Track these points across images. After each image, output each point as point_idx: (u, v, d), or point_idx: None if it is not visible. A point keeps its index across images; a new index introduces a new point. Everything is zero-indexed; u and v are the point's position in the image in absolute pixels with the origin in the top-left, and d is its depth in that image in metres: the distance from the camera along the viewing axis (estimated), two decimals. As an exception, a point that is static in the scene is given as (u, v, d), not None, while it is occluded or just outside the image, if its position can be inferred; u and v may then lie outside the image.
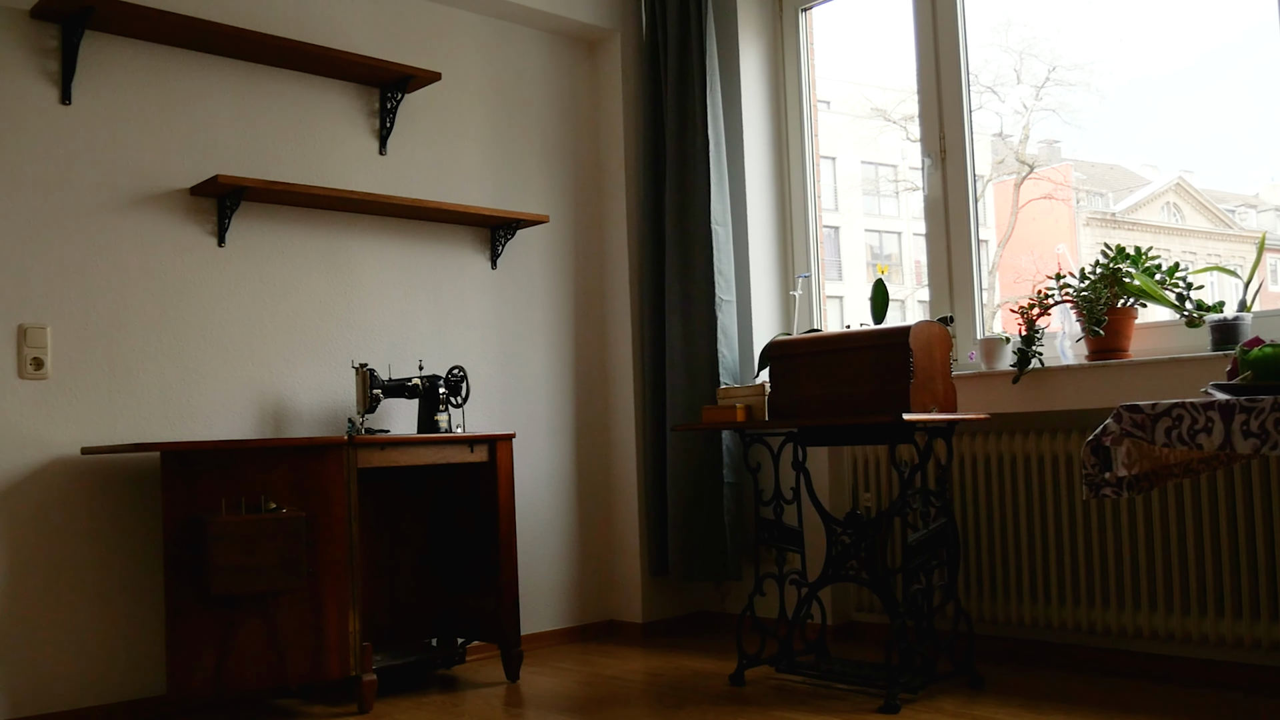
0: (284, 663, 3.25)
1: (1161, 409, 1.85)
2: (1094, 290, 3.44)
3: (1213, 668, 3.32)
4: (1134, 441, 1.87)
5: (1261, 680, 3.22)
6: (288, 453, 3.31)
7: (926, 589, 3.36)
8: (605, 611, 4.53)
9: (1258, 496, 3.18)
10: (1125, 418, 1.87)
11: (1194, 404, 1.82)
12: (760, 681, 3.57)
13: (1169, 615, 3.35)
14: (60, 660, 3.24)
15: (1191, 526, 3.30)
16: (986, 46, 4.33)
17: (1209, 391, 1.96)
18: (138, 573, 3.39)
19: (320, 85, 3.89)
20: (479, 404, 4.15)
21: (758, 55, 4.53)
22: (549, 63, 4.54)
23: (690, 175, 4.32)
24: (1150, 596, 3.39)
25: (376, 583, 3.83)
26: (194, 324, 3.57)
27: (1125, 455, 1.87)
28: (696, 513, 4.24)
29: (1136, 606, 3.41)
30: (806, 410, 3.47)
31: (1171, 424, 1.82)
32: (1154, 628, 3.37)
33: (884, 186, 17.11)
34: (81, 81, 3.40)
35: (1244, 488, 3.21)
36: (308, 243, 3.82)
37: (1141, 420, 1.85)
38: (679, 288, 4.32)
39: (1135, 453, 1.90)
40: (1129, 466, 1.88)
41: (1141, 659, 3.46)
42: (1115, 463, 1.86)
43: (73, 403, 3.33)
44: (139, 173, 3.50)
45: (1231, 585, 3.23)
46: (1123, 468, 1.87)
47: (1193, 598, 3.30)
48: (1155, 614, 3.37)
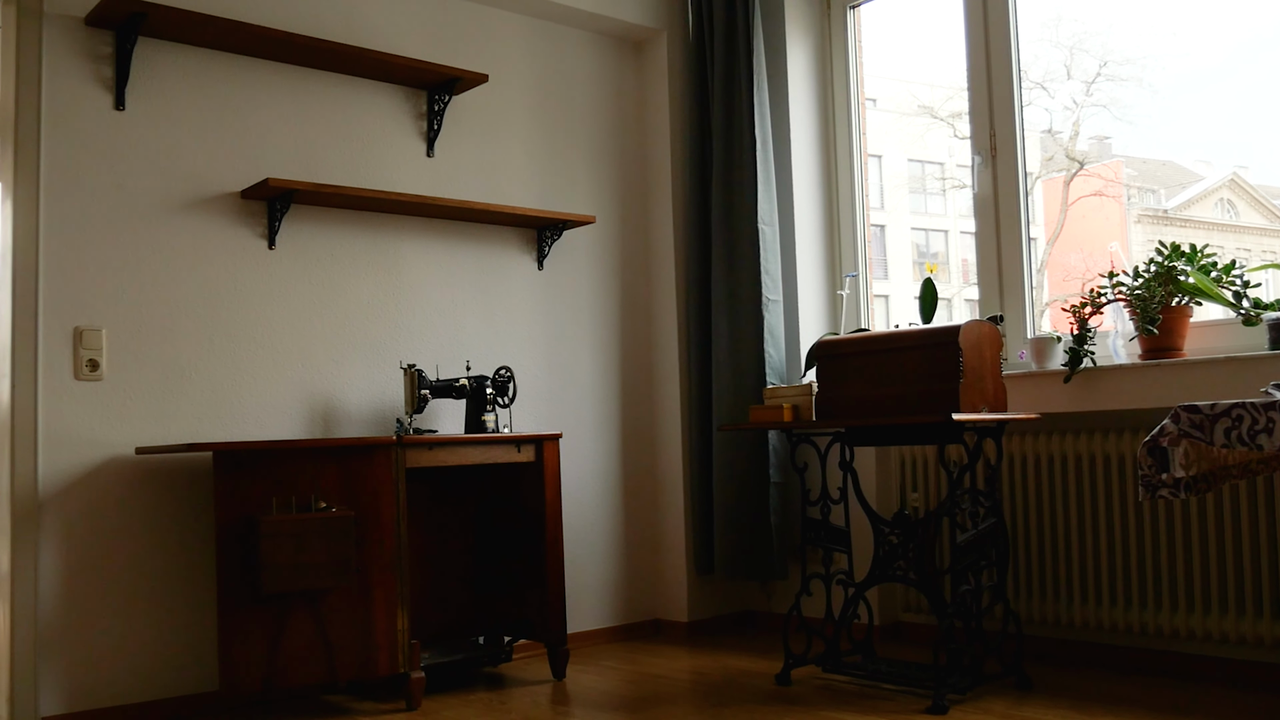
0: (333, 660, 3.28)
1: (1221, 409, 1.82)
2: (1148, 288, 3.40)
3: (1266, 670, 3.26)
4: (1192, 442, 1.84)
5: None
6: (337, 452, 3.35)
7: (975, 589, 3.33)
8: (650, 611, 4.54)
9: (1316, 498, 3.12)
10: (1183, 418, 1.84)
11: (1254, 404, 1.79)
12: (806, 681, 3.55)
13: (1222, 617, 3.29)
14: (115, 656, 3.30)
15: (1247, 527, 3.25)
16: (1036, 42, 4.29)
17: (1269, 391, 1.93)
18: (191, 570, 3.44)
19: (368, 88, 3.93)
20: (526, 404, 4.17)
21: (805, 53, 4.51)
22: (595, 63, 4.55)
23: (737, 174, 4.31)
24: (1204, 598, 3.33)
25: (424, 581, 3.86)
26: (245, 325, 3.62)
27: (1183, 456, 1.84)
28: (742, 512, 4.24)
29: (1190, 608, 3.36)
30: (854, 410, 3.45)
31: (1231, 424, 1.79)
32: (1207, 630, 3.32)
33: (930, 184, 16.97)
34: (135, 87, 3.46)
35: (1301, 489, 3.15)
36: (356, 244, 3.86)
37: (1200, 421, 1.82)
38: (725, 287, 4.31)
39: (1193, 454, 1.87)
40: (1186, 468, 1.85)
41: (1193, 661, 3.41)
42: (1173, 464, 1.83)
43: (127, 403, 3.39)
44: (191, 176, 3.55)
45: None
46: (1180, 469, 1.84)
47: (1247, 599, 3.25)
48: (1208, 616, 3.32)
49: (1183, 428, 1.84)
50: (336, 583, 3.26)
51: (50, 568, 3.22)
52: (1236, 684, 3.31)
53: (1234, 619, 3.27)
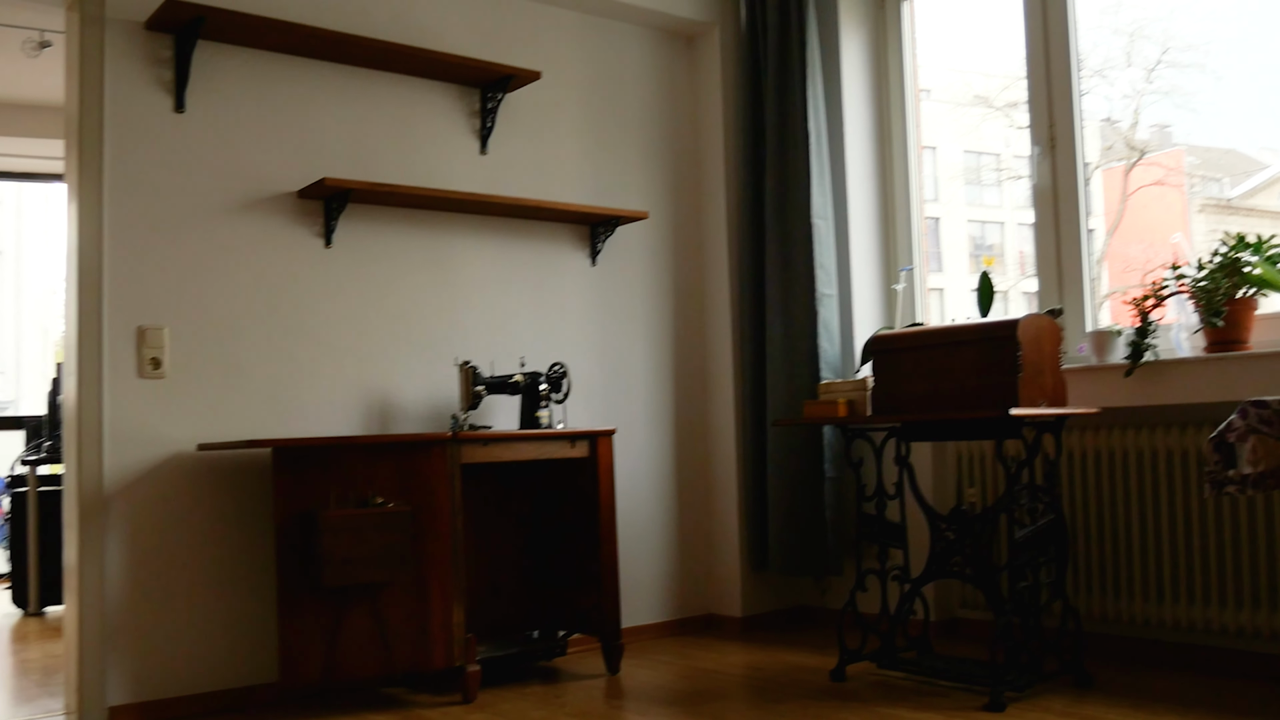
0: (390, 652, 3.32)
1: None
2: (1212, 280, 3.33)
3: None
4: (1260, 438, 1.80)
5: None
6: (393, 448, 3.38)
7: (1033, 586, 3.29)
8: (704, 605, 4.54)
9: (1387, 494, 3.05)
10: (1251, 413, 1.81)
11: (1323, 398, 1.75)
12: (861, 677, 3.53)
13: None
14: (179, 647, 3.37)
15: (1315, 524, 3.18)
16: (1096, 29, 4.22)
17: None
18: (251, 564, 3.49)
19: (422, 87, 3.96)
20: (580, 400, 4.19)
21: (859, 45, 4.47)
22: (647, 58, 4.55)
23: (790, 168, 4.29)
24: (1270, 595, 3.26)
25: (480, 575, 3.89)
26: (302, 323, 3.67)
27: (1251, 452, 1.81)
28: (797, 507, 4.22)
29: (1255, 605, 3.30)
30: (910, 405, 3.42)
31: (1301, 419, 1.75)
32: (1274, 628, 3.25)
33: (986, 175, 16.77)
34: (194, 90, 3.51)
35: (1372, 484, 3.08)
36: (411, 242, 3.89)
37: (1269, 416, 1.79)
38: (779, 282, 4.29)
39: (1261, 450, 1.83)
40: (1254, 464, 1.82)
41: (1259, 660, 3.34)
42: (1240, 460, 1.80)
43: (189, 401, 3.45)
44: (249, 177, 3.60)
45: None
46: (1248, 465, 1.80)
47: (1317, 598, 3.18)
48: (1275, 613, 3.25)
49: (1251, 423, 1.80)
50: (393, 577, 3.29)
51: (116, 561, 3.29)
52: (1304, 684, 3.25)
53: (1301, 617, 3.20)
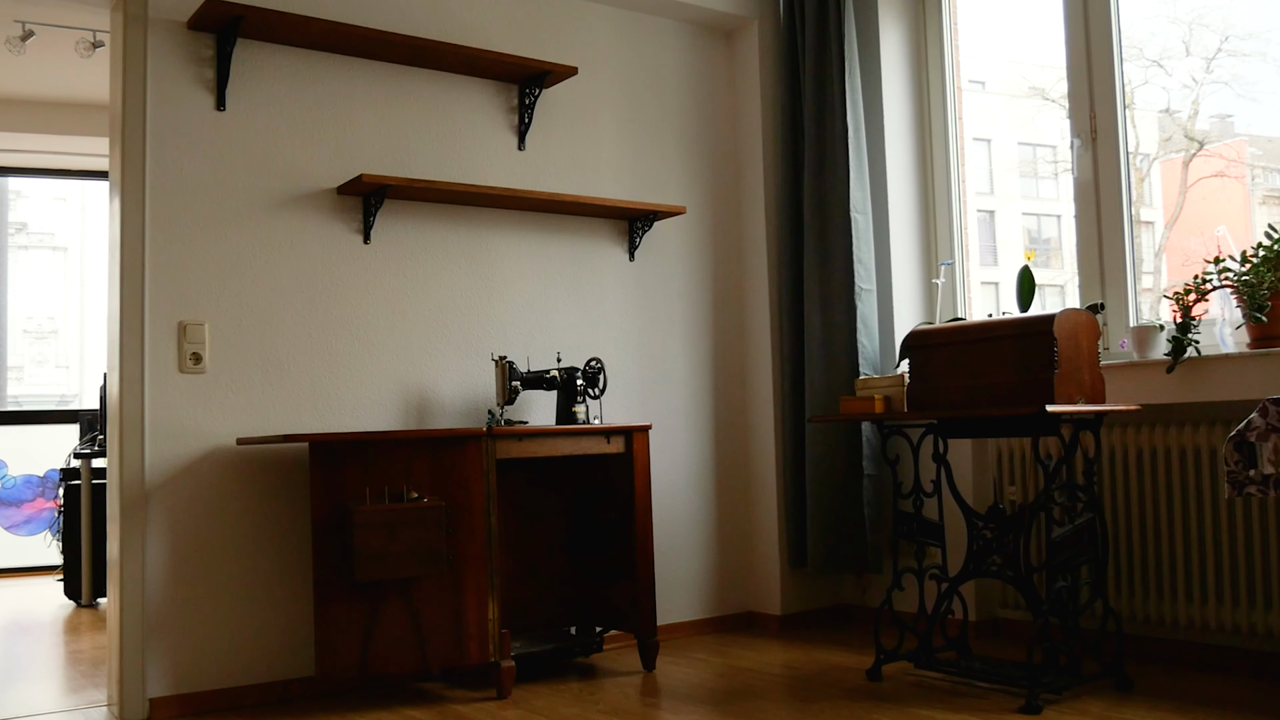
0: (425, 647, 3.35)
1: (1310, 403, 1.73)
2: (1256, 274, 3.26)
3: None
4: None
5: None
6: (428, 443, 3.41)
7: (1072, 586, 3.24)
8: (743, 603, 4.52)
9: None
10: (1272, 411, 1.76)
11: (1345, 398, 1.70)
12: (898, 677, 3.50)
13: (1339, 619, 3.15)
14: (218, 640, 3.42)
15: (1364, 526, 3.10)
16: (1153, 18, 4.14)
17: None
18: (289, 558, 3.54)
19: (460, 83, 3.98)
20: (617, 395, 4.19)
21: (899, 39, 4.43)
22: (685, 53, 4.54)
23: (829, 163, 4.26)
24: (1318, 599, 3.19)
25: (517, 571, 3.91)
26: (341, 319, 3.70)
27: (1272, 452, 1.76)
28: (836, 504, 4.19)
29: (1303, 609, 3.22)
30: (946, 401, 3.38)
31: (1321, 419, 1.70)
32: (1322, 632, 3.18)
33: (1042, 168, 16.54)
34: (235, 88, 3.56)
35: None
36: (449, 238, 3.92)
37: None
38: (818, 277, 4.26)
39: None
40: (1276, 464, 1.77)
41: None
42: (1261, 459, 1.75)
43: (229, 395, 3.49)
44: (289, 174, 3.64)
45: None
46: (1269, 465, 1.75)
47: (1366, 601, 3.10)
48: (1324, 618, 3.18)
49: (1271, 422, 1.75)
50: (427, 572, 3.32)
51: (157, 554, 3.35)
52: (1353, 688, 3.17)
53: (1350, 620, 3.12)
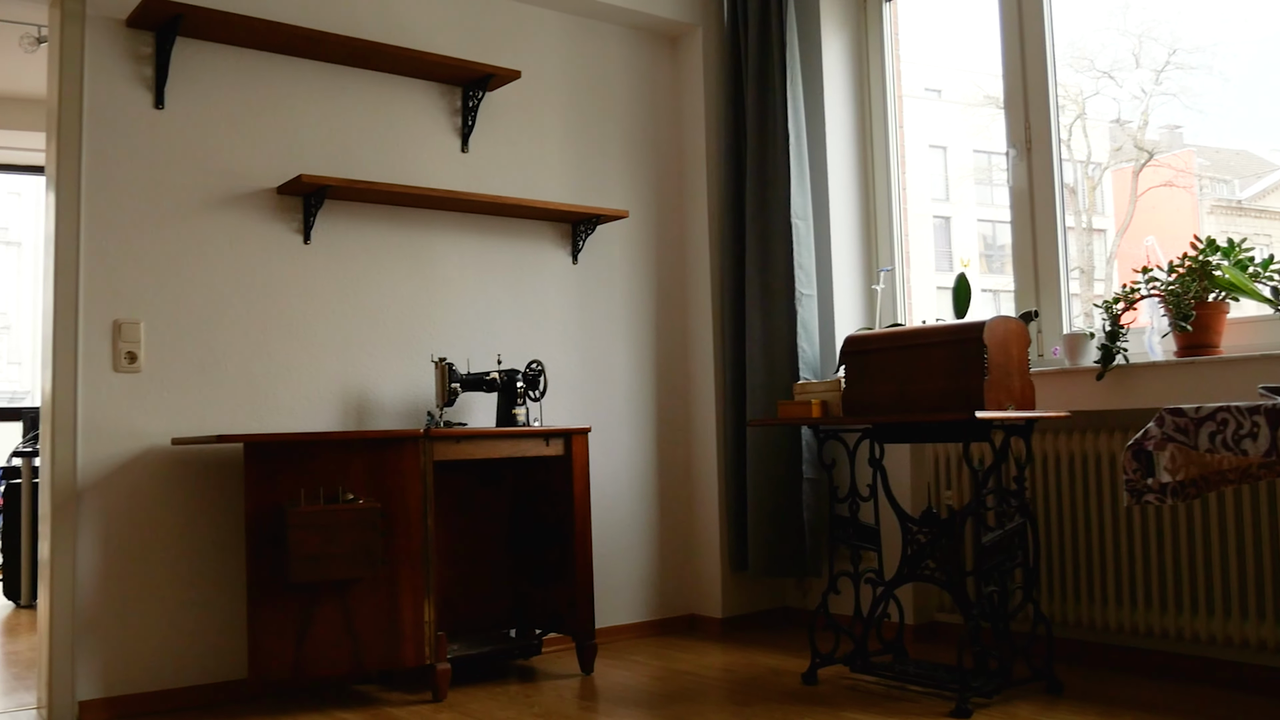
0: (360, 650, 3.34)
1: (1205, 412, 1.76)
2: (1182, 284, 3.32)
3: (1307, 679, 3.18)
4: (1178, 446, 1.79)
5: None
6: (365, 445, 3.40)
7: (1003, 590, 3.28)
8: (686, 606, 4.54)
9: (1356, 500, 3.03)
10: (1168, 421, 1.79)
11: (1239, 408, 1.73)
12: (833, 681, 3.53)
13: (1260, 623, 3.21)
14: (150, 642, 3.39)
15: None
16: (1104, 30, 4.21)
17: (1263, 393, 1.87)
18: (223, 560, 3.51)
19: (403, 85, 3.97)
20: (559, 398, 4.19)
21: (841, 47, 4.47)
22: (630, 58, 4.55)
23: (770, 169, 4.29)
24: (1240, 603, 3.25)
25: (456, 573, 3.90)
26: (280, 319, 3.68)
27: (1169, 461, 1.79)
28: (776, 508, 4.22)
29: (1226, 614, 3.28)
30: (880, 406, 3.42)
31: (1216, 428, 1.74)
32: (1244, 636, 3.24)
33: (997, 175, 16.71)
34: (174, 86, 3.53)
35: (1341, 491, 3.06)
36: (390, 239, 3.91)
37: (1185, 424, 1.77)
38: (759, 282, 4.29)
39: (1180, 458, 1.82)
40: (1173, 472, 1.80)
41: (1229, 668, 3.33)
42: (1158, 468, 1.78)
43: (164, 395, 3.47)
44: (228, 173, 3.62)
45: (1327, 593, 3.08)
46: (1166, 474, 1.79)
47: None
48: (1245, 622, 3.23)
49: (1167, 431, 1.79)
50: (363, 573, 3.31)
51: (88, 555, 3.31)
52: (1269, 692, 3.22)
53: (1272, 625, 3.18)
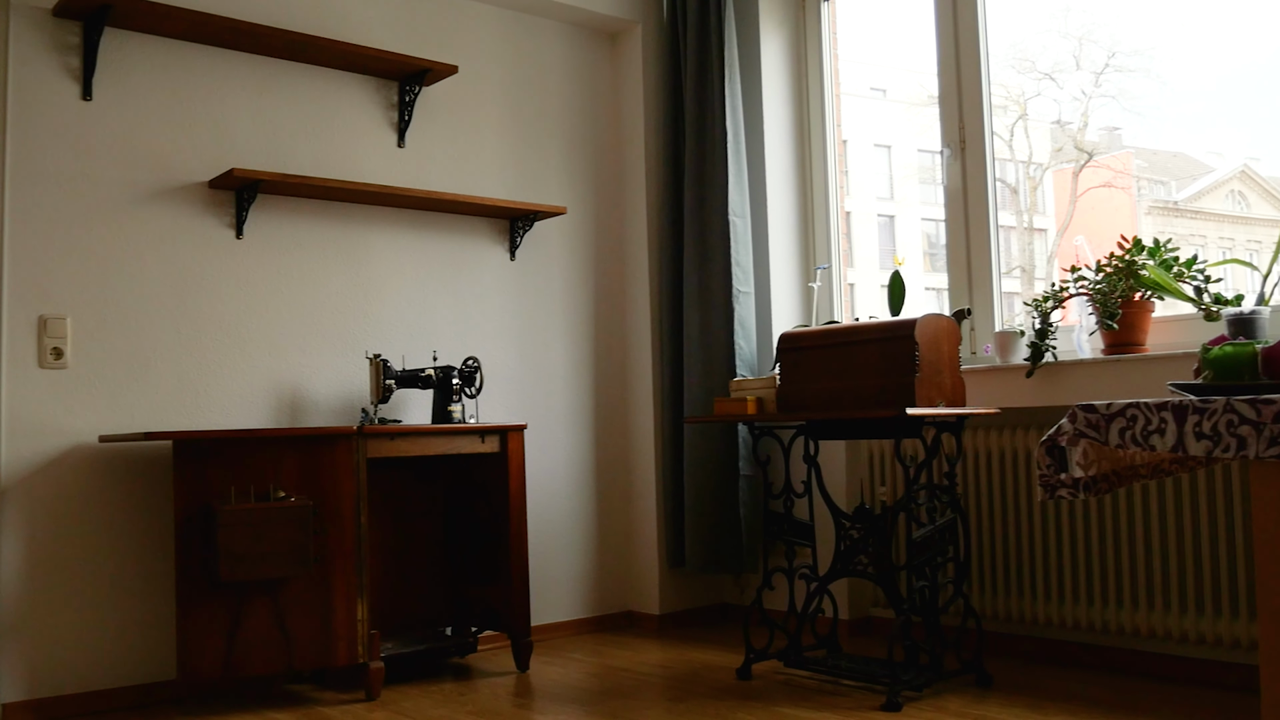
0: (292, 649, 3.30)
1: (1116, 409, 1.80)
2: (1109, 283, 3.37)
3: (1223, 669, 3.25)
4: (1090, 442, 1.82)
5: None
6: (297, 442, 3.36)
7: (933, 585, 3.32)
8: (622, 603, 4.55)
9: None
10: (1080, 417, 1.83)
11: (1148, 404, 1.77)
12: (768, 676, 3.55)
13: (1182, 615, 3.27)
14: (76, 643, 3.33)
15: (1206, 526, 3.23)
16: (1045, 32, 4.27)
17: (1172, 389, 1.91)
18: (151, 559, 3.46)
19: (338, 79, 3.93)
20: (497, 395, 4.18)
21: (779, 45, 4.49)
22: (569, 54, 4.54)
23: (708, 167, 4.31)
24: (1164, 596, 3.31)
25: (391, 571, 3.88)
26: (212, 315, 3.64)
27: (1081, 456, 1.83)
28: (713, 505, 4.24)
29: (1150, 606, 3.34)
30: (814, 403, 3.44)
31: (1125, 424, 1.77)
32: (1167, 628, 3.30)
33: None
34: (102, 77, 3.47)
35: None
36: (325, 234, 3.87)
37: (1096, 421, 1.81)
38: (697, 279, 4.31)
39: (1093, 453, 1.85)
40: (1085, 468, 1.84)
41: (1152, 659, 3.40)
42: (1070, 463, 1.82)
43: (91, 392, 3.41)
44: (158, 166, 3.56)
45: (1247, 586, 3.15)
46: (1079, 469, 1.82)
47: (1206, 598, 3.23)
48: (1168, 614, 3.30)
49: (1079, 427, 1.82)
50: (295, 572, 3.27)
51: (12, 554, 3.25)
52: (1194, 682, 3.30)
53: (1193, 617, 3.25)
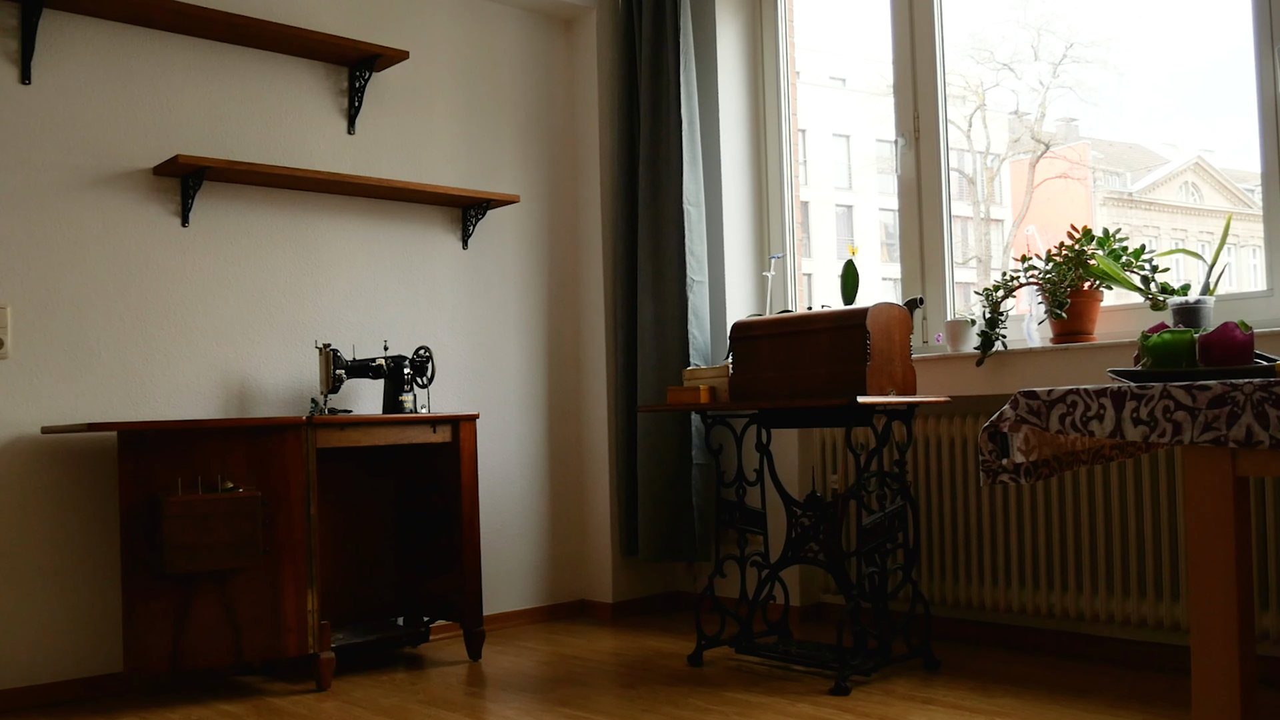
0: (241, 640, 3.27)
1: (1056, 395, 1.82)
2: (1058, 272, 3.40)
3: (1163, 651, 3.30)
4: (1031, 428, 1.84)
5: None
6: (245, 432, 3.33)
7: (882, 571, 3.34)
8: (576, 591, 4.54)
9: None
10: (1021, 404, 1.84)
11: (1088, 390, 1.79)
12: (719, 662, 3.56)
13: (1124, 599, 3.32)
14: (19, 636, 3.28)
15: (1149, 512, 3.27)
16: (1004, 23, 4.29)
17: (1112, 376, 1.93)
18: (97, 551, 3.41)
19: (286, 64, 3.88)
20: (449, 384, 4.16)
21: (735, 33, 4.48)
22: (523, 41, 4.51)
23: (663, 155, 4.30)
24: (1107, 581, 3.36)
25: (342, 562, 3.85)
26: (157, 304, 3.59)
27: (1023, 442, 1.85)
28: (665, 494, 4.24)
29: (1094, 590, 3.39)
30: (766, 392, 3.45)
31: (1066, 410, 1.79)
32: (1110, 612, 3.35)
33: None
34: (41, 61, 3.41)
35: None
36: (274, 222, 3.83)
37: (1037, 407, 1.82)
38: (651, 268, 4.30)
39: (1034, 439, 1.87)
40: (1027, 453, 1.86)
41: (1095, 642, 3.45)
42: (1011, 449, 1.84)
43: (33, 382, 3.35)
44: (101, 152, 3.51)
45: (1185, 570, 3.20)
46: (1020, 454, 1.84)
47: (1148, 583, 3.27)
48: (1111, 598, 3.35)
49: (1020, 413, 1.84)
50: (243, 563, 3.24)
51: (-49, 547, 3.19)
52: (1135, 664, 3.35)
53: (1135, 601, 3.30)
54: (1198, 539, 1.73)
